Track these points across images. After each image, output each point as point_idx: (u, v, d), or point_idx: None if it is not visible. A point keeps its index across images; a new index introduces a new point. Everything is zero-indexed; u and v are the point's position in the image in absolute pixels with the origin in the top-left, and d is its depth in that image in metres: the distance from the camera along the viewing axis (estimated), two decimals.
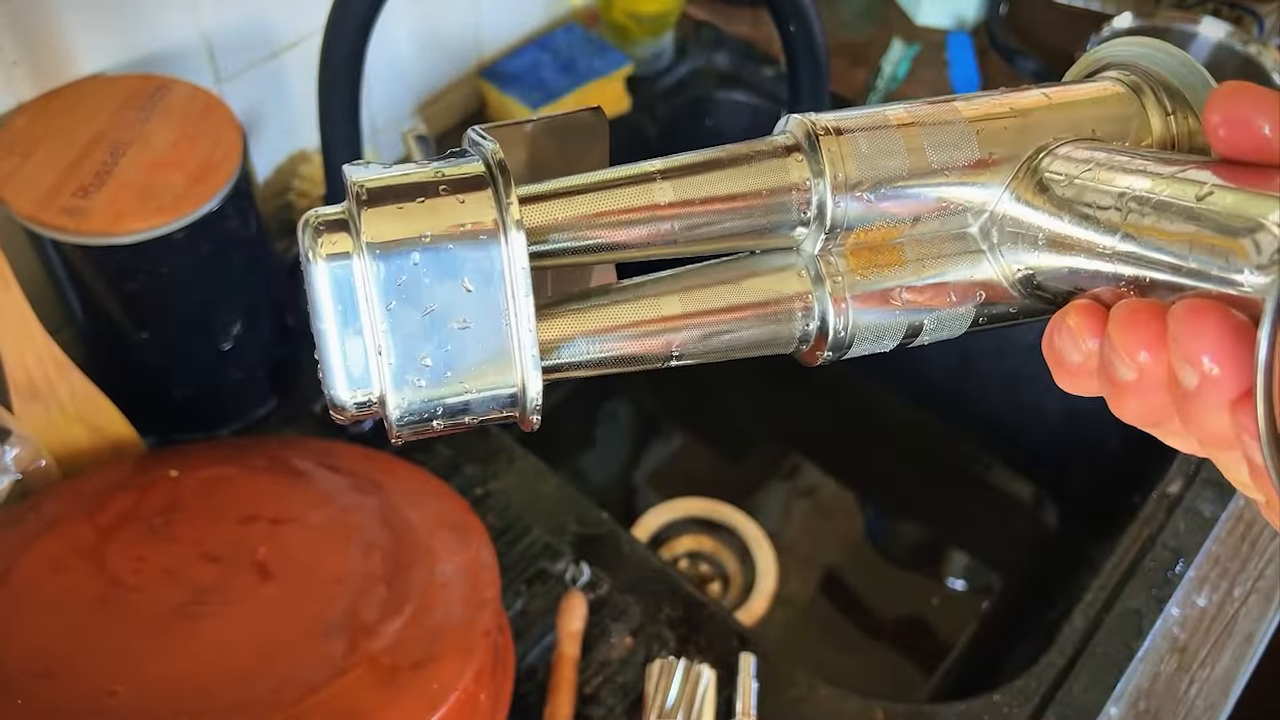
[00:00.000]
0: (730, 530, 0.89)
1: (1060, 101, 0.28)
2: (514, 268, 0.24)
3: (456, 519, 0.58)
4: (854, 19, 1.04)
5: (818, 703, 0.60)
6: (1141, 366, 0.22)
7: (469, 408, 0.25)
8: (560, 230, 0.26)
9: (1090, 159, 0.26)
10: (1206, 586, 0.68)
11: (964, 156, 0.27)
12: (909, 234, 0.28)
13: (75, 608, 0.51)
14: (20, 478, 0.58)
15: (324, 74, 0.56)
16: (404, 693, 0.47)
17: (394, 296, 0.24)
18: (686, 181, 0.27)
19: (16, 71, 0.59)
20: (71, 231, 0.55)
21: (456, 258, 0.24)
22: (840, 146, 0.27)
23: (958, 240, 0.28)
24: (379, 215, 0.24)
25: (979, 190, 0.27)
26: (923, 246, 0.28)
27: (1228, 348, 0.20)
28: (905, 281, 0.28)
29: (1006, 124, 0.27)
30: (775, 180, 0.27)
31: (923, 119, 0.27)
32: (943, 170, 0.27)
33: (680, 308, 0.27)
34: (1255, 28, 0.91)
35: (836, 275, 0.28)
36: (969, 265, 0.28)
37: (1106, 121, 0.28)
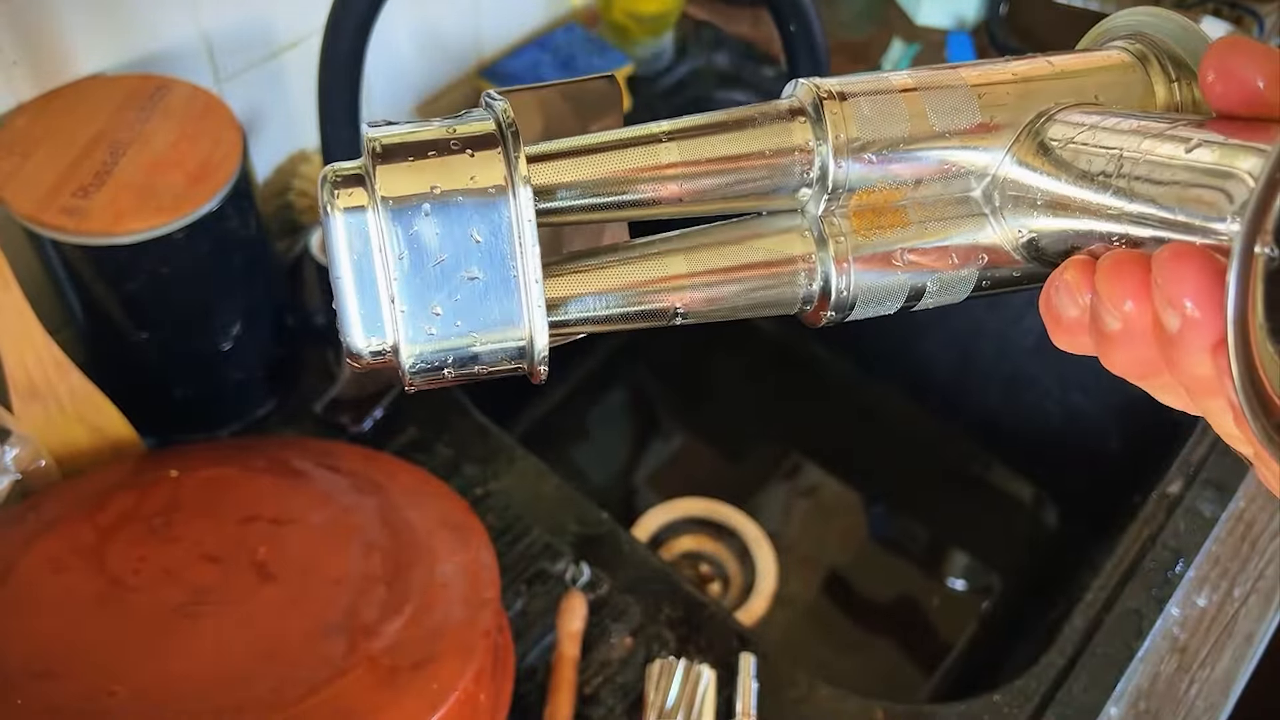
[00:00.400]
0: (730, 530, 0.89)
1: (1064, 68, 0.28)
2: (521, 222, 0.25)
3: (456, 519, 0.58)
4: (854, 19, 1.04)
5: (818, 703, 0.60)
6: (1127, 316, 0.23)
7: (478, 357, 0.26)
8: (567, 188, 0.27)
9: (1089, 122, 0.26)
10: (1206, 587, 0.68)
11: (966, 120, 0.27)
12: (912, 196, 0.28)
13: (75, 608, 0.51)
14: (20, 478, 0.58)
15: (324, 74, 0.56)
16: (404, 693, 0.47)
17: (406, 247, 0.25)
18: (692, 143, 0.27)
19: (16, 71, 0.59)
20: (71, 231, 0.55)
21: (465, 210, 0.25)
22: (843, 109, 0.27)
23: (961, 204, 0.28)
24: (393, 170, 0.25)
25: (981, 154, 0.28)
26: (926, 209, 0.28)
27: (1208, 290, 0.21)
28: (908, 243, 0.28)
29: (1009, 89, 0.28)
30: (779, 142, 0.27)
31: (926, 83, 0.28)
32: (945, 134, 0.27)
33: (685, 267, 0.28)
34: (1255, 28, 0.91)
35: (839, 236, 0.28)
36: (972, 228, 0.28)
37: (1110, 87, 0.28)
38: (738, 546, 0.89)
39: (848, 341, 1.02)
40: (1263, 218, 0.20)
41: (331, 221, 0.25)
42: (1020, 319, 0.90)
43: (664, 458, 0.95)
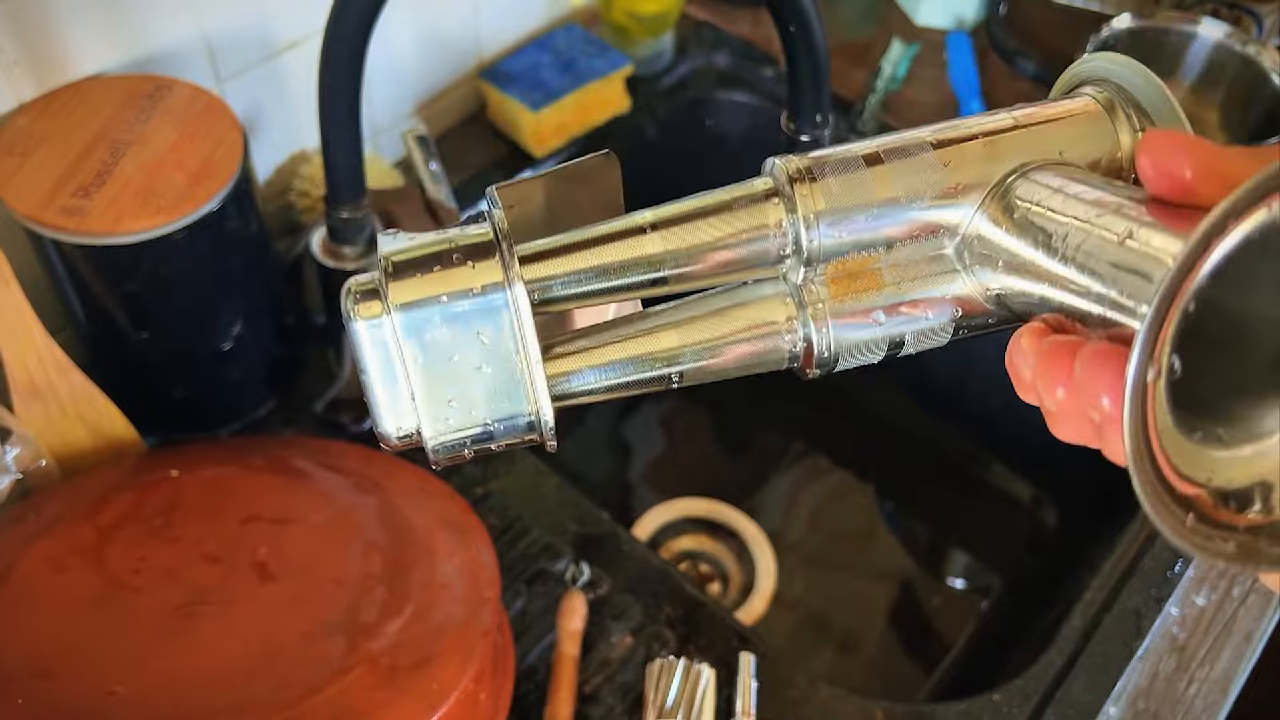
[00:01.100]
0: (730, 530, 0.89)
1: (1030, 124, 0.30)
2: (520, 319, 0.28)
3: (456, 519, 0.58)
4: (854, 19, 1.04)
5: (817, 702, 0.60)
6: (1060, 402, 0.24)
7: (493, 436, 0.30)
8: (561, 281, 0.29)
9: (1053, 185, 0.27)
10: (1205, 586, 0.68)
11: (932, 186, 0.29)
12: (886, 260, 0.30)
13: (75, 607, 0.51)
14: (20, 477, 0.58)
15: (324, 74, 0.56)
16: (404, 693, 0.47)
17: (420, 350, 0.28)
18: (674, 232, 0.30)
19: (17, 71, 0.59)
20: (72, 231, 0.55)
21: (470, 314, 0.28)
22: (812, 189, 0.29)
23: (934, 261, 0.30)
24: (402, 285, 0.28)
25: (951, 212, 0.29)
26: (900, 270, 0.30)
27: (1122, 391, 0.22)
28: (883, 303, 0.30)
29: (975, 150, 0.29)
30: (755, 221, 0.29)
31: (891, 152, 0.29)
32: (911, 200, 0.29)
33: (677, 341, 0.30)
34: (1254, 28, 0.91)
35: (817, 302, 0.30)
36: (945, 283, 0.30)
37: (1076, 141, 0.29)
38: (737, 546, 0.89)
39: None
40: (1158, 333, 0.21)
41: (355, 328, 0.28)
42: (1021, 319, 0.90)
43: (664, 458, 0.95)
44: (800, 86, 0.59)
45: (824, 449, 0.96)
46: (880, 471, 0.95)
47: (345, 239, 0.65)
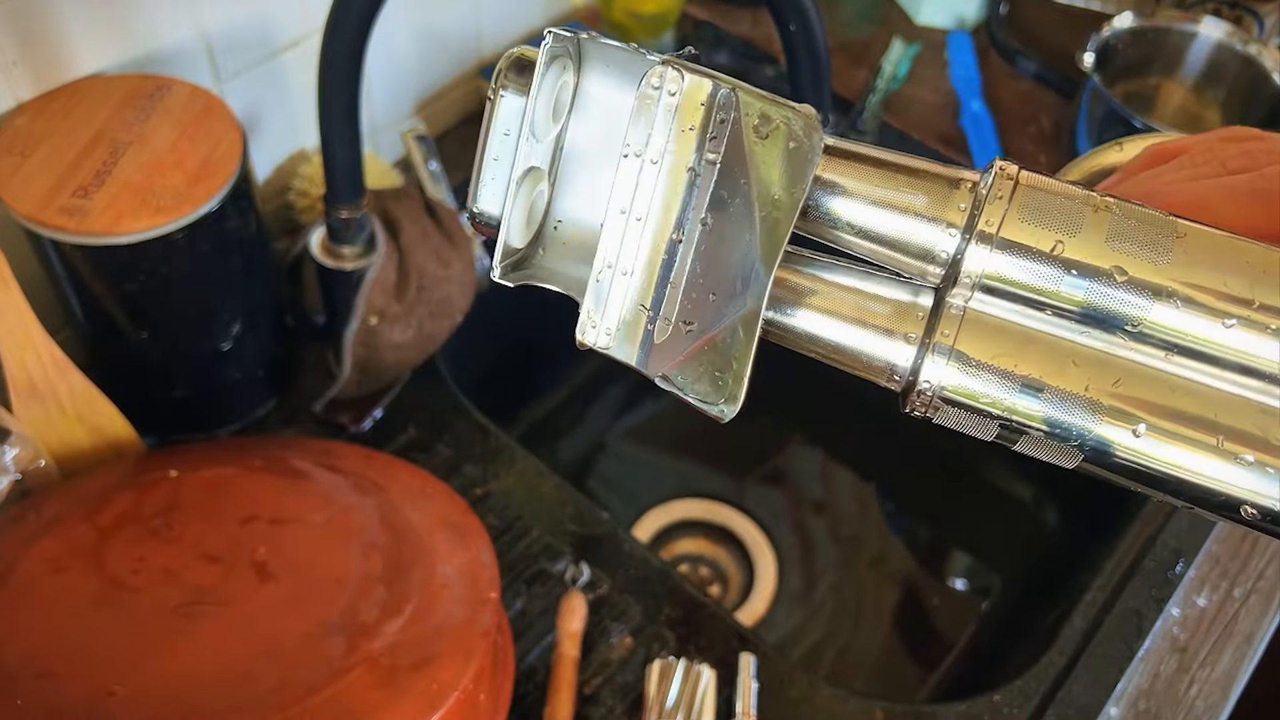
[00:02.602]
0: (730, 531, 0.89)
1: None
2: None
3: (456, 519, 0.58)
4: (854, 19, 1.04)
5: (818, 703, 0.60)
6: None
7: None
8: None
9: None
10: (1206, 586, 0.68)
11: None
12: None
13: (75, 608, 0.51)
14: (20, 478, 0.58)
15: (324, 73, 0.56)
16: (404, 693, 0.47)
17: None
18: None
19: (16, 71, 0.59)
20: (71, 232, 0.55)
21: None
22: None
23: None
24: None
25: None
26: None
27: None
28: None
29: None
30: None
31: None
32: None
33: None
34: (1255, 28, 0.91)
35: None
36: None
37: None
38: (738, 547, 0.89)
39: None
40: None
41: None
42: None
43: (664, 458, 0.95)
44: (800, 86, 0.59)
45: (825, 449, 0.96)
46: (881, 472, 0.95)
47: (344, 238, 0.65)
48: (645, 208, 0.27)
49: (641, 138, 0.26)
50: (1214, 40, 0.86)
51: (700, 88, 0.26)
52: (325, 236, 0.66)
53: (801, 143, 0.26)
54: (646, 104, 0.26)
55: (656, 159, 0.26)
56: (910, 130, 0.92)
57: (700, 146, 0.26)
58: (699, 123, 0.26)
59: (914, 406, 0.29)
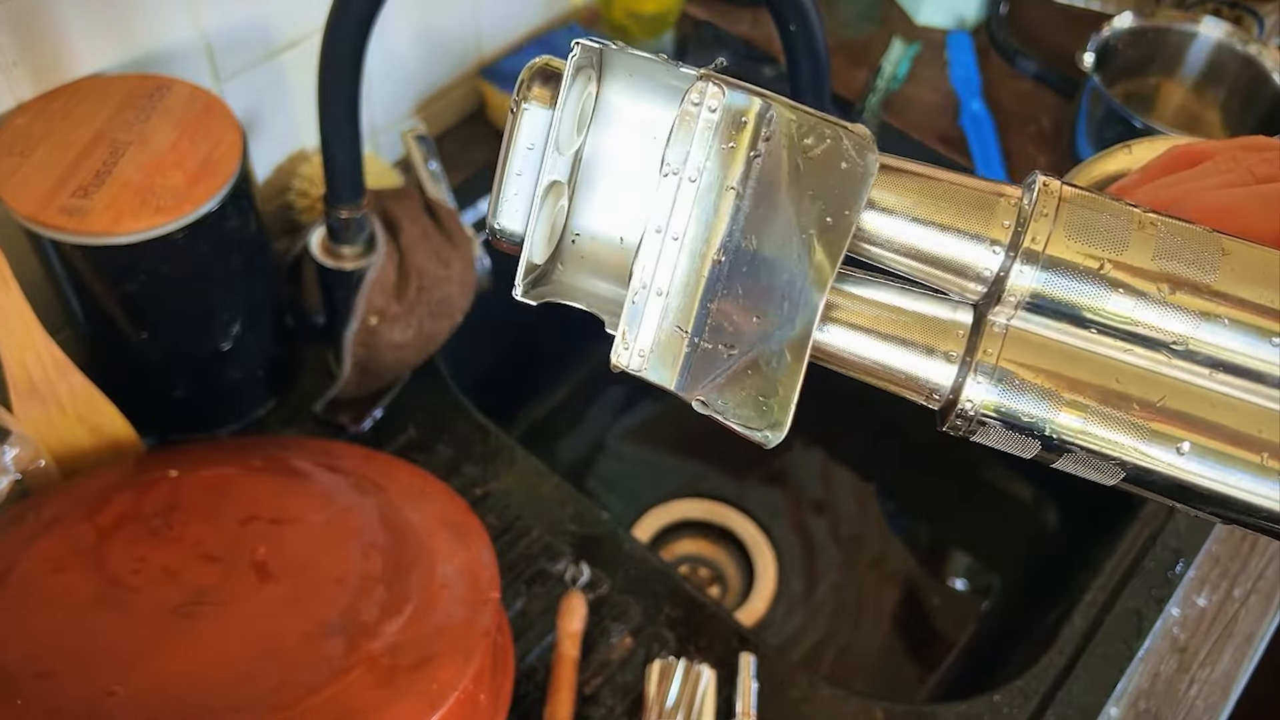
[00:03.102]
0: (730, 531, 0.89)
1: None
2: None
3: (456, 519, 0.58)
4: (854, 19, 1.04)
5: (818, 703, 0.60)
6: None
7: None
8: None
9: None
10: (1206, 587, 0.68)
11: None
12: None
13: (75, 608, 0.51)
14: (20, 478, 0.58)
15: (324, 74, 0.56)
16: (404, 693, 0.47)
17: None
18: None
19: (16, 71, 0.59)
20: (71, 232, 0.55)
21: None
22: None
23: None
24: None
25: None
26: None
27: None
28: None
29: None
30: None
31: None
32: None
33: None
34: (1255, 28, 0.91)
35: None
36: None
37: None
38: (738, 547, 0.89)
39: None
40: None
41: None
42: None
43: (664, 458, 0.95)
44: (800, 86, 0.59)
45: (825, 450, 0.96)
46: (881, 472, 0.95)
47: (344, 238, 0.65)
48: (682, 227, 0.26)
49: (680, 155, 0.26)
50: (1214, 40, 0.86)
51: (743, 104, 0.25)
52: (325, 236, 0.66)
53: (855, 163, 0.25)
54: (687, 121, 0.25)
55: (695, 177, 0.26)
56: (910, 130, 0.92)
57: (745, 164, 0.25)
58: (743, 140, 0.25)
59: (954, 425, 0.28)
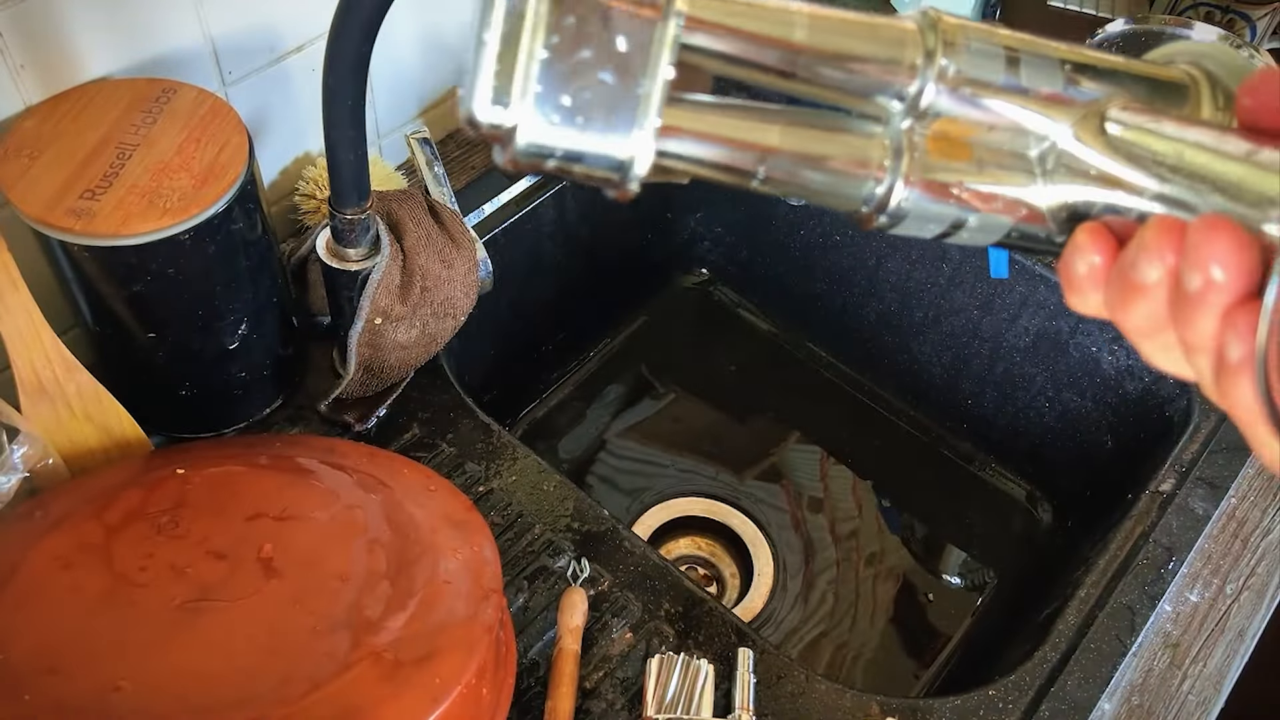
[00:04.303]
0: (729, 528, 0.90)
1: (1135, 70, 0.32)
2: (664, 48, 0.27)
3: (459, 516, 0.59)
4: None
5: (815, 697, 0.61)
6: (1168, 268, 0.25)
7: (584, 158, 0.28)
8: (706, 30, 0.28)
9: (1146, 117, 0.29)
10: (1199, 583, 0.69)
11: (1049, 85, 0.31)
12: (982, 139, 0.31)
13: (82, 604, 0.52)
14: (28, 476, 0.58)
15: (329, 78, 0.56)
16: (407, 688, 0.48)
17: (558, 33, 0.26)
18: (823, 26, 0.29)
19: (24, 75, 0.60)
20: (79, 233, 0.56)
21: (621, 19, 0.27)
22: (954, 38, 0.30)
23: (1018, 158, 0.31)
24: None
25: (1048, 122, 0.31)
26: (989, 153, 0.31)
27: (1234, 259, 0.24)
28: (967, 180, 0.31)
29: (1089, 70, 0.31)
30: (893, 54, 0.30)
31: (1026, 41, 0.31)
32: (1028, 91, 0.30)
33: (778, 141, 0.30)
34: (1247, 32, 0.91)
35: (914, 152, 0.31)
36: (1022, 183, 0.31)
37: (1167, 98, 0.32)
38: (736, 544, 0.90)
39: (845, 342, 1.03)
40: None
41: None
42: (1015, 320, 0.91)
43: (664, 456, 0.96)
44: None
45: (822, 448, 0.97)
46: (877, 469, 0.96)
47: (349, 240, 0.65)
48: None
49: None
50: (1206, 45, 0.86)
51: None
52: (330, 238, 0.66)
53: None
54: None
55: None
56: None
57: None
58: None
59: (876, 224, 0.32)
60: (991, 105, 0.30)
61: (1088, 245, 0.28)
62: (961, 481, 0.97)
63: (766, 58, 0.29)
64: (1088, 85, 0.31)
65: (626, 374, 1.01)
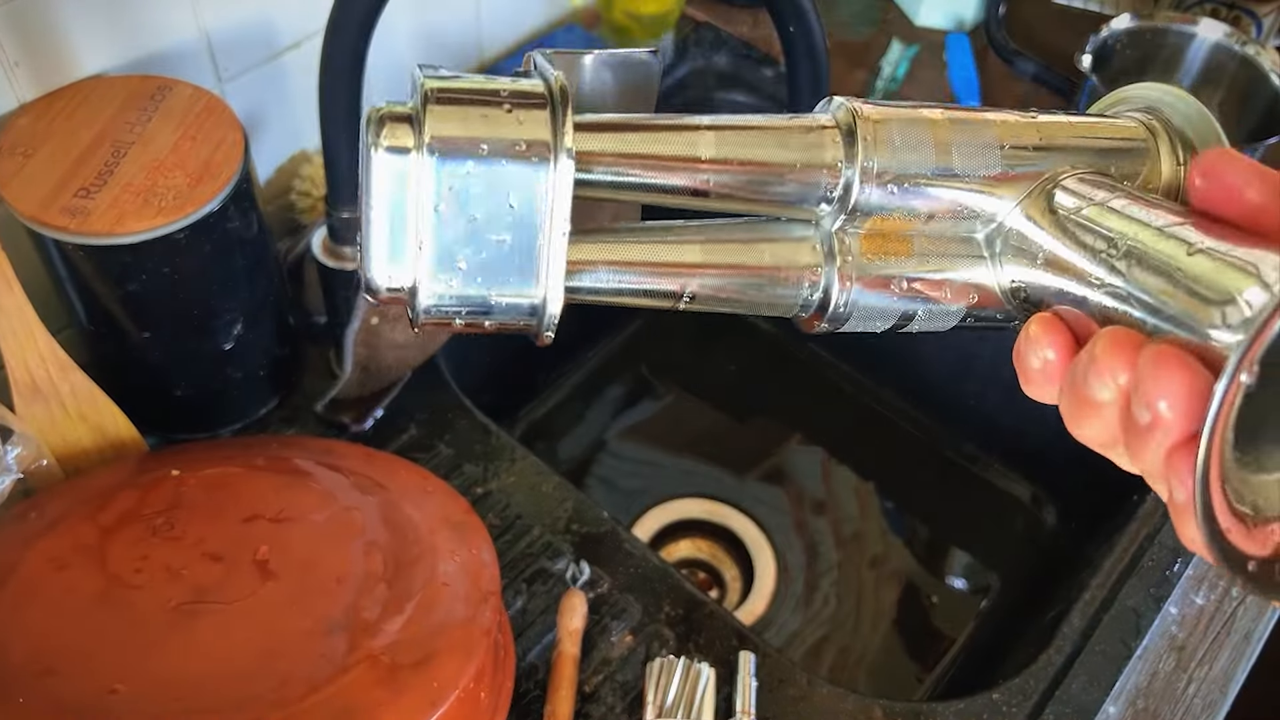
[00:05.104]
0: (730, 530, 0.90)
1: (1083, 133, 0.30)
2: (558, 193, 0.26)
3: (457, 518, 0.58)
4: (853, 20, 1.04)
5: (817, 701, 0.61)
6: (1121, 389, 0.24)
7: (491, 312, 0.27)
8: (605, 164, 0.27)
9: (1098, 194, 0.28)
10: (1204, 585, 0.68)
11: (987, 168, 0.29)
12: (920, 229, 0.29)
13: (77, 606, 0.51)
14: (22, 477, 0.58)
15: (325, 75, 0.56)
16: (405, 691, 0.47)
17: (443, 199, 0.26)
18: (730, 139, 0.28)
19: (18, 72, 0.60)
20: (73, 232, 0.55)
21: (507, 175, 0.26)
22: (876, 135, 0.28)
23: (963, 243, 0.29)
24: (443, 116, 0.26)
25: (993, 201, 0.29)
26: (931, 243, 0.29)
27: (1183, 399, 0.22)
28: (908, 272, 0.29)
29: (1031, 145, 0.29)
30: (811, 157, 0.28)
31: (957, 124, 0.29)
32: (965, 177, 0.28)
33: (700, 257, 0.29)
34: (1253, 29, 0.91)
35: (847, 255, 0.29)
36: (968, 268, 0.30)
37: (1122, 159, 0.30)
38: (737, 546, 0.89)
39: (847, 344, 1.02)
40: (1252, 351, 0.21)
41: (374, 158, 0.26)
42: None
43: (664, 458, 0.95)
44: (800, 87, 0.59)
45: (824, 450, 0.96)
46: (880, 471, 0.95)
47: (346, 239, 0.65)
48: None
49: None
50: (1212, 41, 0.86)
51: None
52: (327, 237, 0.66)
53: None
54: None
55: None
56: None
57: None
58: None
59: (819, 329, 0.31)
60: (927, 195, 0.29)
61: (1040, 339, 0.27)
62: (965, 483, 0.96)
63: (676, 180, 0.28)
64: (1032, 159, 0.29)
65: (626, 374, 1.01)
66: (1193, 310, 0.23)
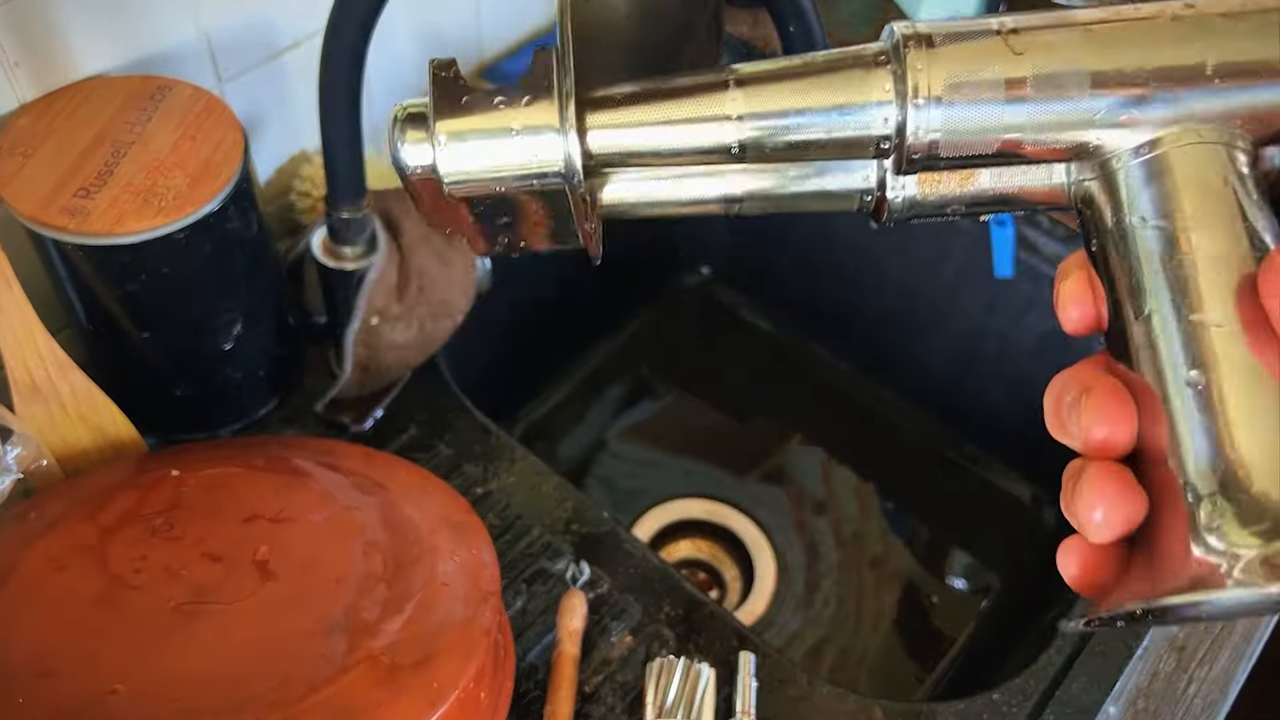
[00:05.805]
0: (730, 530, 0.90)
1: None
2: (574, 178, 0.27)
3: (457, 518, 0.58)
4: (853, 19, 1.04)
5: (817, 701, 0.61)
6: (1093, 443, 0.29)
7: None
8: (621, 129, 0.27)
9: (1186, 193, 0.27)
10: None
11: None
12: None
13: (76, 607, 0.51)
14: (22, 477, 0.58)
15: (325, 75, 0.56)
16: (405, 691, 0.47)
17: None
18: (761, 91, 0.27)
19: (18, 72, 0.60)
20: (73, 232, 0.55)
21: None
22: (929, 66, 0.27)
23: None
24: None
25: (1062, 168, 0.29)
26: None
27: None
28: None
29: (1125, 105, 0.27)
30: (857, 94, 0.27)
31: (1039, 80, 0.27)
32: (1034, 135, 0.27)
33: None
34: None
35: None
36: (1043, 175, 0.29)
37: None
38: (738, 546, 0.89)
39: (848, 342, 1.02)
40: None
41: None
42: (1020, 320, 0.90)
43: (664, 458, 0.95)
44: None
45: (824, 450, 0.96)
46: (880, 471, 0.95)
47: (346, 239, 0.65)
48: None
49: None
50: None
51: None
52: (327, 237, 0.66)
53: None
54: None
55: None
56: None
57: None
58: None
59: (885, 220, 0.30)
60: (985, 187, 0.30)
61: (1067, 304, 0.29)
62: (966, 484, 0.96)
63: (705, 140, 0.28)
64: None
65: (626, 374, 1.01)
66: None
